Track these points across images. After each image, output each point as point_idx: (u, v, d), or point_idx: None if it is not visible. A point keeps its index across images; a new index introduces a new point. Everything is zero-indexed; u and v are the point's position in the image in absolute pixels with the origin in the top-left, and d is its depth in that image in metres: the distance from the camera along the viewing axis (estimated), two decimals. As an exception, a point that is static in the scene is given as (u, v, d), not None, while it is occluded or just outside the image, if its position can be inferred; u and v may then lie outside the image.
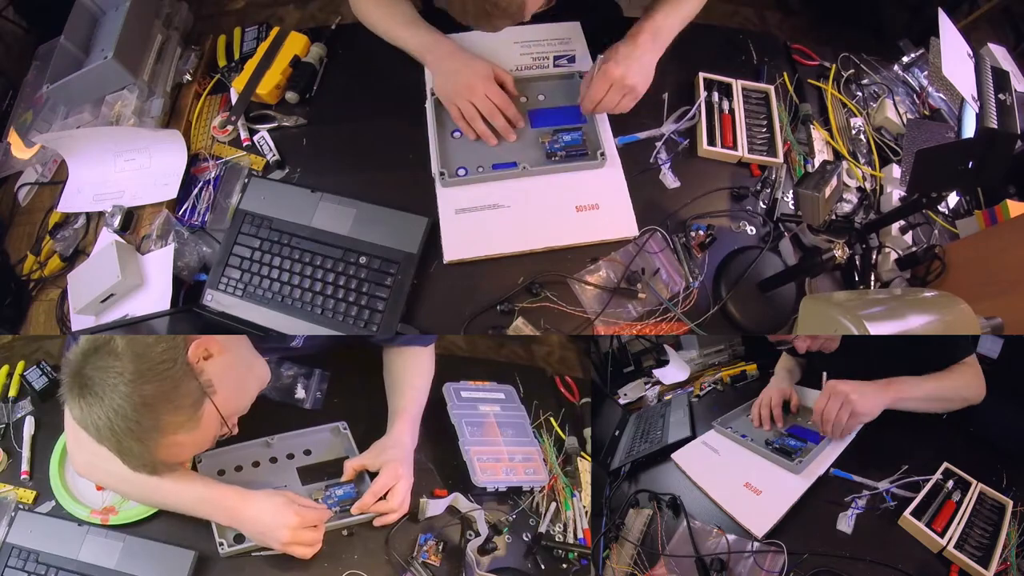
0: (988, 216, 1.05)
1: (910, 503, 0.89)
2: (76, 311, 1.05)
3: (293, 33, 1.22)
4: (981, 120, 0.77)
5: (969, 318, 0.75)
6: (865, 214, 1.12)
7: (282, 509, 0.87)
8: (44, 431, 1.01)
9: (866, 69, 1.31)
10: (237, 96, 1.18)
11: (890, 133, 1.22)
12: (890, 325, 0.73)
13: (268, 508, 0.87)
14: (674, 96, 1.16)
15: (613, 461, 1.29)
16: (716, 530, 0.93)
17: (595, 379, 1.55)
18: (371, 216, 1.04)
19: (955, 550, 0.81)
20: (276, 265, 1.04)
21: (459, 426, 1.09)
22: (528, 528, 1.03)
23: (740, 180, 1.12)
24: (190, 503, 0.89)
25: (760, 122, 1.16)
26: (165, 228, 1.10)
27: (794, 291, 1.04)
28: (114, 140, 1.17)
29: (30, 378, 1.04)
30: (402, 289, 0.99)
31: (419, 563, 0.92)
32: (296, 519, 0.86)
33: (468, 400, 1.13)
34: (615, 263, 1.03)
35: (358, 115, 1.18)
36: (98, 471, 0.90)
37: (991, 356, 1.24)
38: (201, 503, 0.88)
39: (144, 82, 1.21)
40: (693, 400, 1.52)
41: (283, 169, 1.14)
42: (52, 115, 1.28)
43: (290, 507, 0.87)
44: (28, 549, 0.88)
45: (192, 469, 0.95)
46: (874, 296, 0.98)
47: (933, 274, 1.03)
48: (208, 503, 0.88)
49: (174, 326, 1.03)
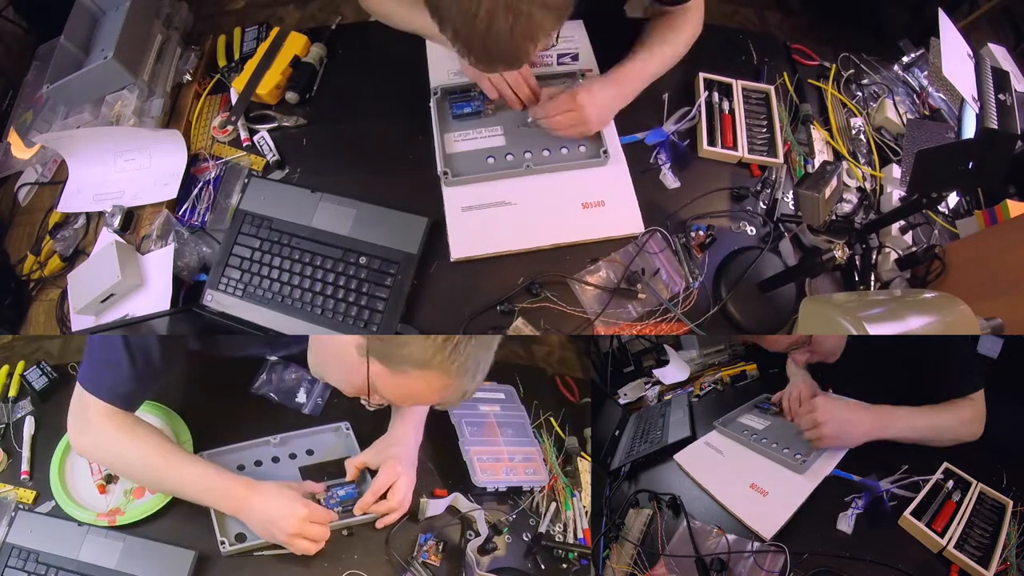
0: (988, 216, 1.05)
1: (910, 503, 0.89)
2: (76, 311, 1.05)
3: (293, 33, 1.22)
4: (981, 120, 0.77)
5: (969, 318, 0.75)
6: (865, 214, 1.12)
7: (291, 500, 0.88)
8: (44, 431, 1.00)
9: (866, 69, 1.31)
10: (237, 96, 1.18)
11: (890, 133, 1.22)
12: (890, 326, 0.73)
13: (277, 498, 0.88)
14: (674, 96, 1.16)
15: (613, 461, 1.29)
16: (716, 530, 0.93)
17: (595, 379, 1.55)
18: (371, 216, 1.04)
19: (955, 550, 0.81)
20: (276, 265, 1.04)
21: (459, 426, 1.10)
22: (528, 528, 1.03)
23: (740, 180, 1.12)
24: (197, 491, 0.89)
25: (760, 122, 1.16)
26: (165, 228, 1.10)
27: (794, 291, 1.04)
28: (114, 140, 1.17)
29: (30, 378, 1.04)
30: (402, 289, 0.99)
31: (419, 563, 0.92)
32: (305, 511, 0.87)
33: (468, 400, 1.13)
34: (615, 263, 1.03)
35: (358, 115, 1.18)
36: (104, 454, 0.90)
37: (991, 356, 1.24)
38: (208, 492, 0.88)
39: (144, 82, 1.21)
40: (693, 400, 1.52)
41: (283, 169, 1.14)
42: (52, 115, 1.28)
43: (299, 499, 0.89)
44: (28, 549, 0.88)
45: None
46: (874, 297, 0.98)
47: (933, 274, 1.03)
48: (215, 492, 0.88)
49: (174, 326, 1.03)
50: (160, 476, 0.89)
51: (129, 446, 0.87)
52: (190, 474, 0.88)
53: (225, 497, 0.88)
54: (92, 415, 0.87)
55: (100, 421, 0.87)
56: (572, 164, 1.07)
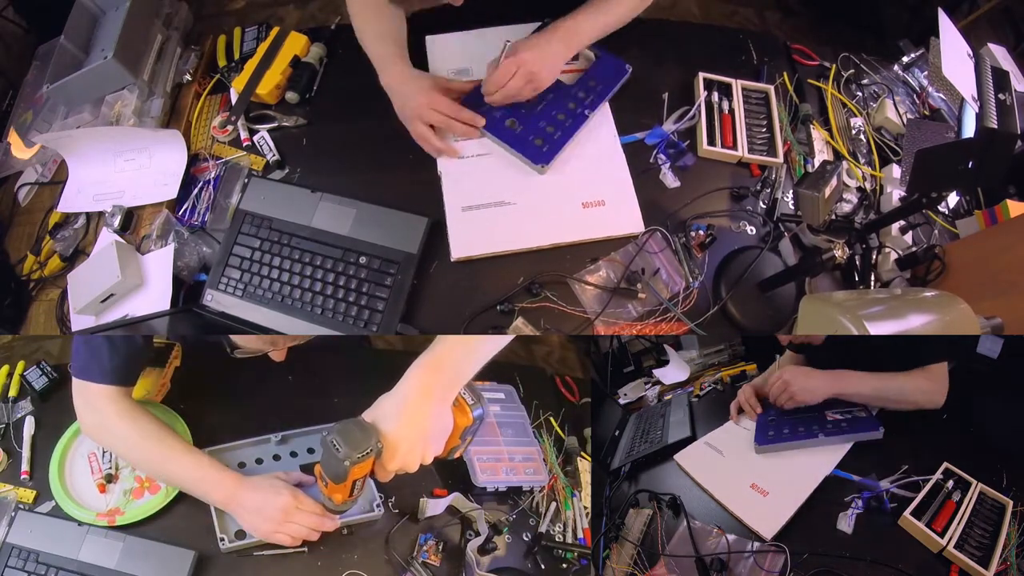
0: (988, 216, 1.05)
1: (910, 503, 0.89)
2: (76, 311, 1.05)
3: (293, 33, 1.22)
4: (981, 120, 0.77)
5: (969, 318, 0.75)
6: (865, 214, 1.12)
7: (277, 490, 0.89)
8: (44, 431, 1.01)
9: (866, 69, 1.31)
10: (237, 96, 1.18)
11: (890, 133, 1.22)
12: (890, 325, 0.73)
13: (264, 489, 0.89)
14: (674, 96, 1.16)
15: (613, 461, 1.29)
16: (716, 530, 0.93)
17: (595, 379, 1.55)
18: (371, 216, 1.04)
19: (955, 550, 0.81)
20: (276, 265, 1.04)
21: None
22: (528, 528, 1.03)
23: (740, 180, 1.12)
24: (190, 481, 0.91)
25: (760, 122, 1.16)
26: (165, 228, 1.10)
27: (794, 291, 1.04)
28: (114, 140, 1.17)
29: (30, 378, 1.04)
30: (402, 289, 0.99)
31: (419, 563, 0.92)
32: (292, 500, 0.88)
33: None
34: (615, 263, 1.03)
35: (358, 115, 1.18)
36: (108, 435, 0.93)
37: (991, 356, 1.24)
38: (200, 482, 0.90)
39: (144, 82, 1.21)
40: (693, 400, 1.52)
41: (283, 169, 1.14)
42: (52, 115, 1.28)
43: (286, 488, 0.90)
44: (28, 549, 0.88)
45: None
46: (874, 296, 0.98)
47: (933, 274, 1.03)
48: (206, 483, 0.90)
49: (174, 326, 1.03)
50: (156, 462, 0.91)
51: (129, 431, 0.90)
52: (185, 463, 0.91)
53: (215, 488, 0.90)
54: (93, 399, 0.90)
55: (102, 404, 0.90)
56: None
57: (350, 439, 0.75)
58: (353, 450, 0.75)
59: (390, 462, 0.78)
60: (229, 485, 0.89)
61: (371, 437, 0.76)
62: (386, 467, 0.79)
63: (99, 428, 0.93)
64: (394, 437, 0.77)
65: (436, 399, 0.79)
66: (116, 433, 0.91)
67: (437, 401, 0.79)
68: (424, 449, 0.79)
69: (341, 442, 0.75)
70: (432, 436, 0.80)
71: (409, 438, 0.78)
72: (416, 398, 0.78)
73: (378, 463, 0.79)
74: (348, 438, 0.75)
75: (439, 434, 0.81)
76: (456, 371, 0.80)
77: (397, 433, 0.77)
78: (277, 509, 0.87)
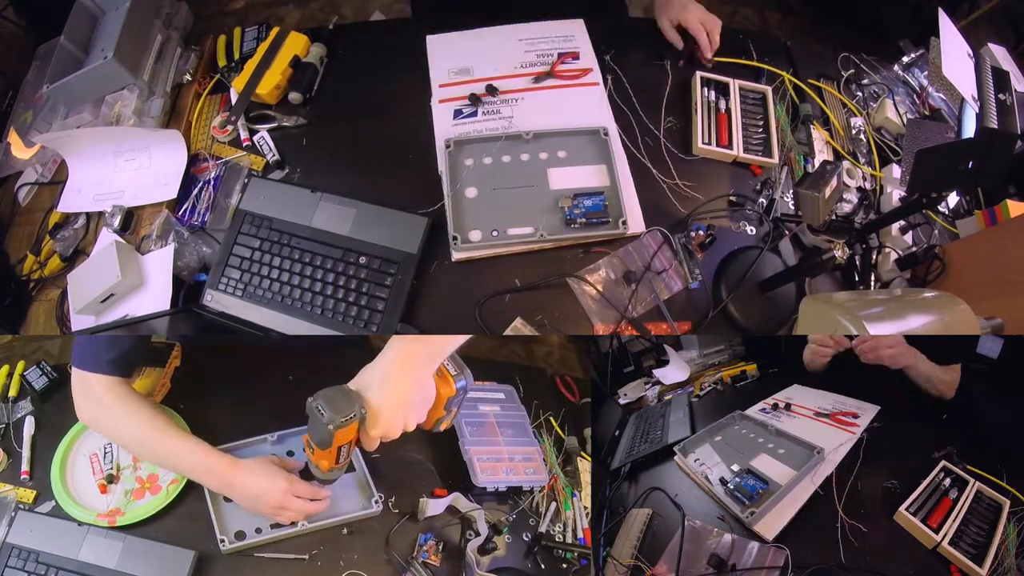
0: (988, 216, 1.05)
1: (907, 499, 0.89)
2: (76, 311, 1.05)
3: (293, 33, 1.22)
4: (981, 120, 0.77)
5: (969, 318, 0.75)
6: (865, 214, 1.12)
7: (273, 474, 0.90)
8: (44, 431, 1.00)
9: (866, 69, 1.31)
10: (237, 96, 1.17)
11: (890, 133, 1.22)
12: (890, 325, 0.73)
13: (258, 473, 0.91)
14: (674, 96, 1.16)
15: (613, 461, 1.29)
16: (716, 530, 0.93)
17: (595, 379, 1.55)
18: (371, 216, 1.04)
19: (949, 546, 0.81)
20: (276, 265, 1.04)
21: (459, 426, 1.10)
22: (528, 528, 1.03)
23: (740, 180, 1.12)
24: (185, 465, 0.92)
25: (757, 122, 1.16)
26: (165, 228, 1.10)
27: (794, 291, 1.04)
28: (114, 140, 1.17)
29: (30, 378, 1.04)
30: (402, 289, 0.99)
31: (419, 563, 0.92)
32: (286, 483, 0.90)
33: (468, 400, 1.13)
34: (615, 263, 1.03)
35: (358, 115, 1.18)
36: (104, 422, 0.94)
37: (991, 356, 1.24)
38: (195, 468, 0.92)
39: (144, 82, 1.21)
40: (693, 400, 1.52)
41: (283, 169, 1.14)
42: (52, 115, 1.28)
43: (280, 472, 0.91)
44: (28, 549, 0.88)
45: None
46: (874, 296, 0.98)
47: (933, 274, 1.03)
48: (201, 468, 0.91)
49: (174, 326, 1.03)
50: (152, 448, 0.93)
51: (126, 417, 0.91)
52: (180, 448, 0.92)
53: (209, 473, 0.91)
54: (92, 388, 0.91)
55: (101, 392, 0.91)
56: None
57: (334, 404, 0.77)
58: (336, 414, 0.77)
59: (373, 428, 0.80)
60: (223, 471, 0.91)
61: (354, 403, 0.78)
62: (369, 433, 0.81)
63: (96, 416, 0.94)
64: (376, 404, 0.79)
65: (417, 368, 0.81)
66: (113, 420, 0.92)
67: (419, 370, 0.81)
68: (406, 416, 0.81)
69: (325, 406, 0.77)
70: (413, 404, 0.82)
71: (391, 405, 0.79)
72: (398, 366, 0.80)
73: (362, 430, 0.81)
74: (332, 403, 0.78)
75: (421, 403, 0.83)
76: (438, 341, 0.83)
77: (379, 400, 0.79)
78: (273, 494, 0.89)
